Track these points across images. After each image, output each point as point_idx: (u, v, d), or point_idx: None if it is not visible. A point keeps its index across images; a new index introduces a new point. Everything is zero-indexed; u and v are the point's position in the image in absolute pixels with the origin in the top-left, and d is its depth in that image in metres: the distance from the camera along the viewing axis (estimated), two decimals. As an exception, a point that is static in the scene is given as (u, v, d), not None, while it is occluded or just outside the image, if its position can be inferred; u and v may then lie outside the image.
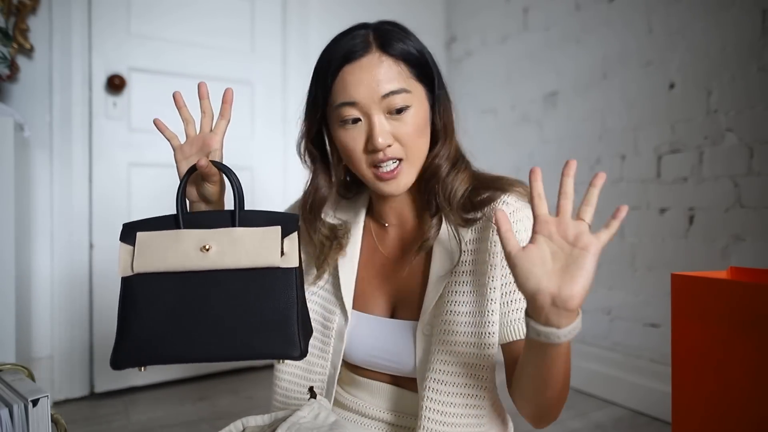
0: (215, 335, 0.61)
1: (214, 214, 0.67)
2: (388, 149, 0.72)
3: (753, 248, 1.45)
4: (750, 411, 0.81)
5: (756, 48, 1.45)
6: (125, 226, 0.66)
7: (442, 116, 0.78)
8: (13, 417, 0.63)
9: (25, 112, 1.70)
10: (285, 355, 0.61)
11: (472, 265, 0.74)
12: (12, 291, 1.36)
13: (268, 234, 0.63)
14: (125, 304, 0.64)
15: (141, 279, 0.63)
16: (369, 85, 0.71)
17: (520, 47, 2.22)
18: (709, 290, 0.90)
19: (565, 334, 0.54)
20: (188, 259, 0.62)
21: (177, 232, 0.64)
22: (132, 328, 0.62)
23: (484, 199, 0.75)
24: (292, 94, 2.21)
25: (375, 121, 0.71)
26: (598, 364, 1.84)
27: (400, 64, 0.73)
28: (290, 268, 0.63)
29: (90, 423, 1.62)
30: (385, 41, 0.73)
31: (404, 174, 0.74)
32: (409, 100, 0.73)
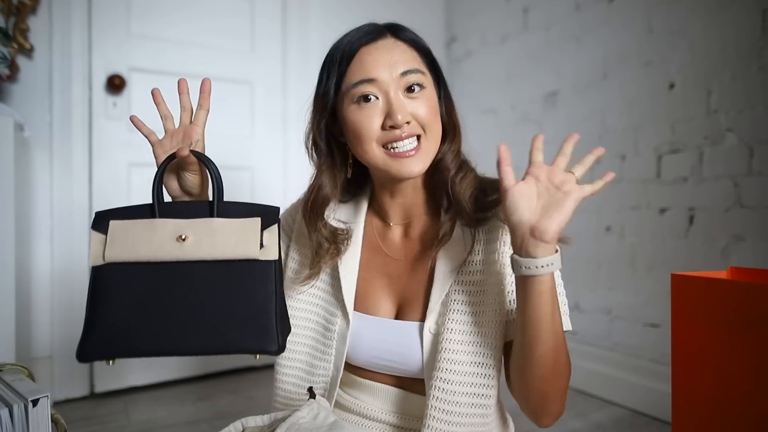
0: (189, 328, 0.58)
1: (191, 205, 0.65)
2: (407, 126, 0.73)
3: (753, 248, 1.45)
4: (750, 411, 0.81)
5: (756, 48, 1.45)
6: (97, 214, 0.63)
7: (449, 111, 0.80)
8: (13, 417, 0.63)
9: (25, 112, 1.70)
10: (262, 350, 0.59)
11: (481, 264, 0.75)
12: (12, 291, 1.36)
13: (247, 225, 0.61)
14: (95, 294, 0.60)
15: (112, 269, 0.61)
16: (387, 63, 0.73)
17: (520, 47, 2.22)
18: (709, 290, 0.90)
19: (543, 264, 0.62)
20: (162, 249, 0.60)
21: (152, 221, 0.62)
22: (101, 319, 0.59)
23: (493, 201, 0.75)
24: (292, 94, 2.21)
25: (393, 98, 0.72)
26: (598, 364, 1.84)
27: (412, 49, 0.76)
28: (269, 261, 0.61)
29: (90, 423, 1.62)
30: (397, 29, 0.77)
31: (422, 154, 0.74)
32: (424, 81, 0.75)
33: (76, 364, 1.81)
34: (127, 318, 0.59)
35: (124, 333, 0.58)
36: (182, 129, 0.73)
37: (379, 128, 0.73)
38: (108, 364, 0.59)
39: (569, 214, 0.62)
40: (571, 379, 0.76)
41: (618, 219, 1.81)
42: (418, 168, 0.74)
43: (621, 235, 1.80)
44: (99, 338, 0.58)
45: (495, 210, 0.75)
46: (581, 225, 1.94)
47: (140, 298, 0.59)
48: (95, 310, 0.59)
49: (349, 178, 0.83)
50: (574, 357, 0.80)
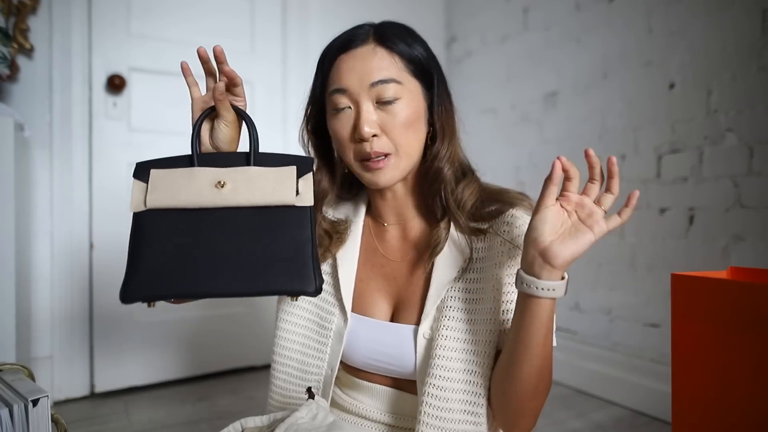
0: (228, 271, 0.59)
1: (228, 155, 0.66)
2: (375, 143, 0.73)
3: (753, 248, 1.45)
4: (750, 411, 0.81)
5: (756, 48, 1.45)
6: (138, 165, 0.65)
7: (440, 117, 0.78)
8: (13, 417, 0.63)
9: (25, 112, 1.70)
10: (300, 291, 0.60)
11: (478, 273, 0.75)
12: (12, 291, 1.36)
13: (283, 173, 0.63)
14: (136, 239, 0.62)
15: (153, 214, 0.62)
16: (359, 73, 0.72)
17: (520, 47, 2.22)
18: (709, 290, 0.90)
19: (544, 287, 0.61)
20: (202, 196, 0.62)
21: (191, 170, 0.63)
22: (142, 262, 0.60)
23: (493, 212, 0.75)
24: (292, 94, 2.21)
25: (362, 109, 0.72)
26: (598, 364, 1.84)
27: (394, 56, 0.74)
28: (305, 207, 0.63)
29: (90, 423, 1.62)
30: (383, 35, 0.75)
31: (391, 167, 0.74)
32: (400, 92, 0.73)
33: (75, 364, 1.81)
34: (168, 261, 0.60)
35: (165, 275, 0.60)
36: (221, 83, 0.69)
37: (350, 139, 0.74)
38: (149, 306, 0.61)
39: (586, 247, 0.62)
40: (571, 379, 0.76)
41: (618, 219, 1.81)
42: (386, 181, 0.75)
43: (621, 235, 1.80)
44: (141, 280, 0.60)
45: (493, 222, 0.75)
46: (581, 225, 1.93)
47: (180, 242, 0.61)
48: (137, 254, 0.61)
49: (346, 172, 0.83)
50: (574, 357, 0.81)
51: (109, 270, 1.85)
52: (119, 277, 0.63)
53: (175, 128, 1.93)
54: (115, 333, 1.87)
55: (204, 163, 0.64)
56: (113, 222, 1.87)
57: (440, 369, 0.72)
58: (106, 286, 1.85)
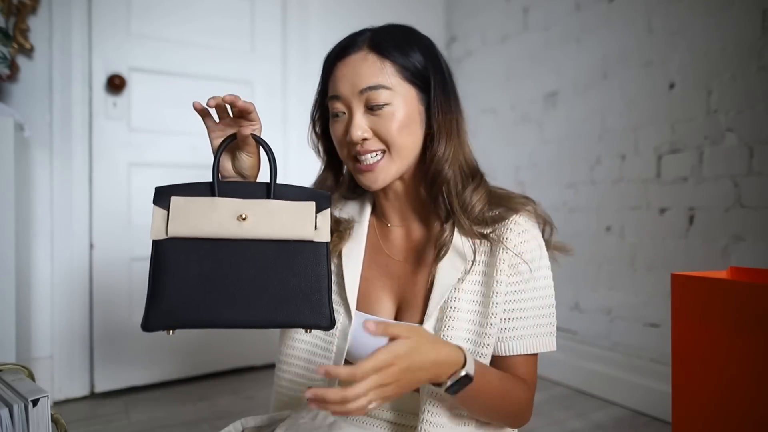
0: (246, 302, 0.61)
1: (248, 185, 0.67)
2: (366, 142, 0.75)
3: (753, 248, 1.45)
4: (750, 411, 0.81)
5: (756, 48, 1.45)
6: (158, 189, 0.65)
7: (437, 119, 0.78)
8: (13, 417, 0.63)
9: (25, 112, 1.70)
10: (315, 325, 0.63)
11: (480, 276, 0.76)
12: (12, 291, 1.36)
13: (303, 208, 0.65)
14: (157, 267, 0.63)
15: (174, 243, 0.63)
16: (350, 80, 0.75)
17: (520, 47, 2.22)
18: (709, 290, 0.90)
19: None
20: (223, 227, 0.63)
21: (213, 200, 0.64)
22: (164, 291, 0.61)
23: (496, 216, 0.76)
24: (292, 94, 2.21)
25: (354, 114, 0.75)
26: (598, 364, 1.84)
27: (385, 62, 0.76)
28: (322, 243, 0.65)
29: (90, 423, 1.62)
30: (376, 41, 0.77)
31: (383, 169, 0.76)
32: (389, 98, 0.75)
33: (75, 364, 1.81)
34: (189, 290, 0.61)
35: (186, 305, 0.61)
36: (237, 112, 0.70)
37: (345, 142, 0.77)
38: (168, 334, 0.62)
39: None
40: (571, 379, 0.78)
41: (618, 219, 1.81)
42: (376, 183, 0.77)
43: (621, 235, 1.80)
44: (162, 310, 0.61)
45: (496, 227, 0.75)
46: (581, 225, 1.94)
47: (201, 272, 0.62)
48: (158, 283, 0.62)
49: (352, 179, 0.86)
50: (574, 357, 0.82)
51: (109, 270, 1.85)
52: (119, 277, 0.63)
53: (175, 128, 1.93)
54: (115, 333, 1.87)
55: (224, 193, 0.65)
56: (113, 222, 1.87)
57: None
58: (106, 286, 1.85)
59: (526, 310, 0.75)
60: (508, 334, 0.74)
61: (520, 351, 0.74)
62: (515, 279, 0.74)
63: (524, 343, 0.74)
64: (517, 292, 0.75)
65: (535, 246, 0.76)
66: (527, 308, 0.75)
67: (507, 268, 0.74)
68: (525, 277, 0.75)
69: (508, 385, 0.72)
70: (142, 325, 0.61)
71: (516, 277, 0.74)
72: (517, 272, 0.74)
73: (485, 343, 0.73)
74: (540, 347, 0.75)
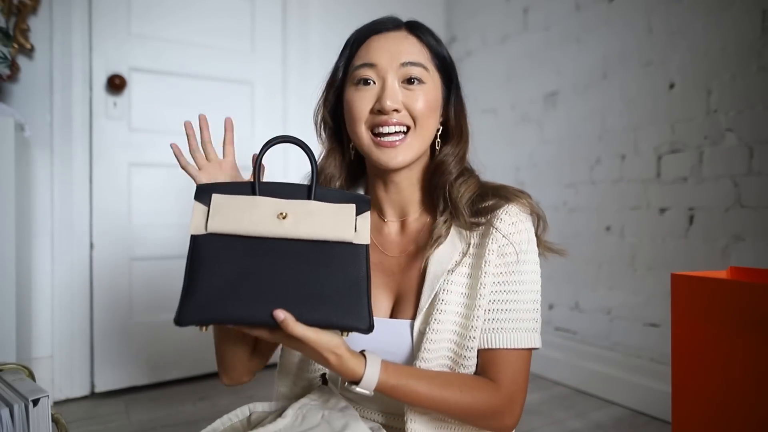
0: (283, 300, 0.60)
1: (289, 186, 0.67)
2: (395, 114, 0.74)
3: (753, 248, 1.45)
4: (750, 411, 0.81)
5: (756, 48, 1.45)
6: (199, 187, 0.65)
7: (457, 116, 0.81)
8: (13, 416, 0.63)
9: (26, 112, 1.70)
10: (353, 327, 0.61)
11: (469, 267, 0.76)
12: (12, 291, 1.36)
13: (343, 210, 0.65)
14: (194, 262, 0.62)
15: (212, 239, 0.62)
16: (391, 52, 0.76)
17: (520, 47, 2.22)
18: (709, 290, 0.90)
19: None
20: (263, 224, 0.62)
21: (254, 198, 0.64)
22: (199, 286, 0.60)
23: (488, 207, 0.76)
24: (292, 94, 2.21)
25: (388, 84, 0.75)
26: (598, 364, 1.84)
27: (423, 46, 0.78)
28: (362, 245, 0.64)
29: (90, 423, 1.62)
30: (414, 26, 0.80)
31: (406, 147, 0.75)
32: (426, 77, 0.77)
33: (76, 364, 1.81)
34: (224, 286, 0.60)
35: (221, 300, 0.59)
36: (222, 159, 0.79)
37: (369, 111, 0.75)
38: (201, 330, 0.61)
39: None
40: (571, 378, 0.78)
41: (618, 219, 1.81)
42: (399, 160, 0.75)
43: (621, 235, 1.80)
44: (197, 304, 0.60)
45: (489, 216, 0.75)
46: (581, 225, 1.94)
47: (238, 268, 0.61)
48: (194, 277, 0.61)
49: (353, 160, 0.85)
50: (574, 357, 0.81)
51: (109, 270, 1.85)
52: (119, 277, 0.63)
53: (175, 128, 1.92)
54: (115, 333, 1.87)
55: (265, 192, 0.65)
56: (113, 222, 1.87)
57: (427, 362, 0.73)
58: (106, 286, 1.85)
59: (510, 302, 0.74)
60: (490, 326, 0.73)
61: (501, 344, 0.73)
62: (501, 269, 0.74)
63: (507, 337, 0.73)
64: (502, 283, 0.74)
65: (525, 237, 0.75)
66: (511, 300, 0.74)
67: (495, 257, 0.74)
68: (511, 267, 0.74)
69: (457, 387, 0.70)
70: (176, 319, 0.59)
71: (502, 267, 0.74)
72: (503, 260, 0.74)
73: (471, 336, 0.73)
74: (522, 342, 0.74)
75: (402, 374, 0.67)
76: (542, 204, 0.82)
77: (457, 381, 0.71)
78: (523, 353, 0.74)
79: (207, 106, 1.95)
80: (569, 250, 0.83)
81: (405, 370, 0.69)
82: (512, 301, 0.74)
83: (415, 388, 0.68)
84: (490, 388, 0.72)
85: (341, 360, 0.63)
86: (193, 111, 0.76)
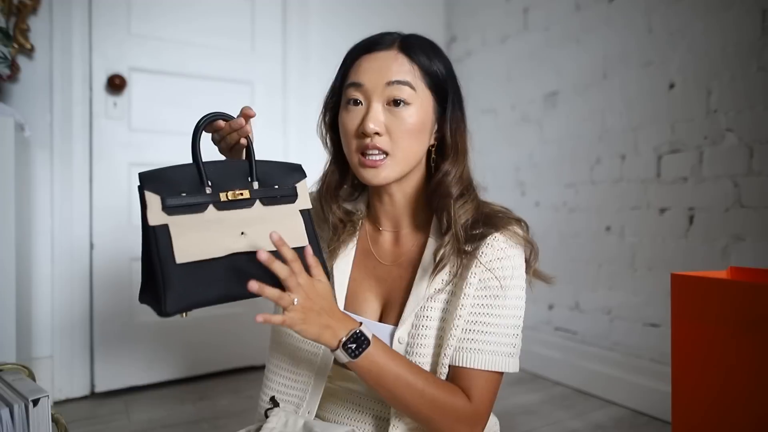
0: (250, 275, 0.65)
1: (230, 165, 0.72)
2: (377, 138, 0.76)
3: (753, 248, 1.45)
4: (750, 411, 0.81)
5: (756, 48, 1.45)
6: (145, 175, 0.66)
7: (453, 133, 0.80)
8: (13, 416, 0.63)
9: (26, 112, 1.70)
10: None
11: (453, 286, 0.78)
12: (12, 291, 1.36)
13: (292, 219, 0.72)
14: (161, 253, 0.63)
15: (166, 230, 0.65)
16: (378, 72, 0.76)
17: (520, 47, 2.22)
18: (709, 290, 0.90)
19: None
20: (225, 246, 0.66)
21: (208, 220, 0.66)
22: (173, 278, 0.63)
23: (477, 235, 0.77)
24: (292, 94, 2.21)
25: (372, 107, 0.76)
26: (598, 364, 1.84)
27: (414, 65, 0.77)
28: (305, 210, 0.74)
29: (90, 423, 1.62)
30: (407, 45, 0.78)
31: (386, 168, 0.77)
32: (412, 98, 0.76)
33: (76, 364, 1.81)
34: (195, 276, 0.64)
35: (199, 285, 0.64)
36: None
37: (355, 132, 0.77)
38: (182, 317, 0.65)
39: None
40: (571, 378, 0.78)
41: (618, 219, 1.81)
42: (381, 177, 0.77)
43: (621, 235, 1.80)
44: (177, 294, 0.63)
45: (477, 244, 0.76)
46: (581, 225, 1.94)
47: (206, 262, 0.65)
48: (166, 269, 0.63)
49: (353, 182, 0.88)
50: (574, 357, 0.81)
51: (109, 270, 1.85)
52: (119, 277, 0.63)
53: (175, 128, 1.93)
54: (115, 333, 1.87)
55: (211, 175, 0.68)
56: (113, 222, 1.87)
57: None
58: (106, 286, 1.85)
59: (489, 326, 0.75)
60: (465, 345, 0.74)
61: (474, 365, 0.73)
62: (483, 293, 0.75)
63: (480, 358, 0.73)
64: (483, 306, 0.75)
65: (509, 265, 0.76)
66: (491, 323, 0.75)
67: (477, 282, 0.75)
68: (494, 293, 0.75)
69: (431, 383, 0.71)
70: (161, 311, 0.62)
71: (484, 291, 0.75)
72: (485, 287, 0.75)
73: (445, 354, 0.74)
74: (497, 365, 0.74)
75: (387, 349, 0.70)
76: (542, 204, 0.83)
77: (430, 375, 0.73)
78: (494, 376, 0.75)
79: (207, 106, 1.94)
80: (569, 250, 0.84)
81: (389, 348, 0.72)
82: (493, 324, 0.75)
83: (400, 361, 0.70)
84: (461, 394, 0.73)
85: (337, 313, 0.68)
86: (193, 111, 0.76)
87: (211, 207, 0.67)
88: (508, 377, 0.81)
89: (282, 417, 0.74)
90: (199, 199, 0.66)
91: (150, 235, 0.63)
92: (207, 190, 0.67)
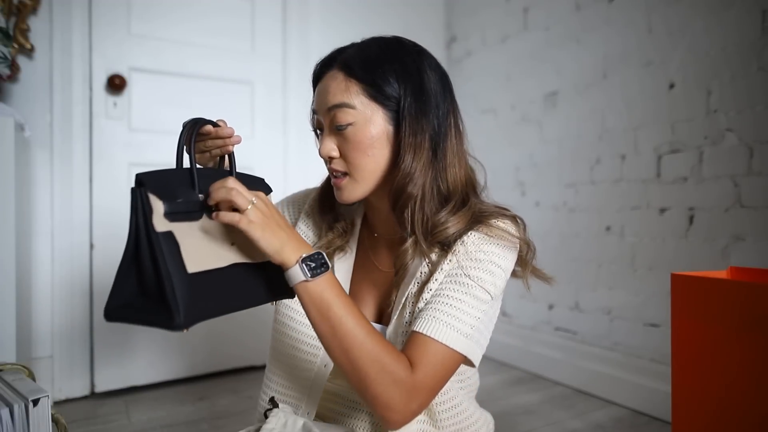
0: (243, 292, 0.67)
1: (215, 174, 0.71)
2: (334, 161, 0.79)
3: (753, 248, 1.45)
4: (750, 411, 0.81)
5: (756, 48, 1.45)
6: (144, 176, 0.64)
7: (406, 138, 0.75)
8: (13, 416, 0.63)
9: (26, 112, 1.70)
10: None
11: (426, 277, 0.79)
12: (12, 291, 1.36)
13: None
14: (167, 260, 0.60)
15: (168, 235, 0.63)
16: (323, 96, 0.78)
17: (521, 47, 2.22)
18: (709, 290, 0.90)
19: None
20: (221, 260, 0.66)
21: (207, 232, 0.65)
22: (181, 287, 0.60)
23: (457, 234, 0.76)
24: (292, 94, 2.21)
25: (325, 131, 0.79)
26: (598, 364, 1.84)
27: (351, 81, 0.76)
28: None
29: (90, 423, 1.62)
30: (344, 61, 0.78)
31: (346, 188, 0.79)
32: (352, 117, 0.75)
33: (76, 364, 1.81)
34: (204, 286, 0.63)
35: (205, 299, 0.62)
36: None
37: (322, 157, 0.81)
38: (183, 332, 0.62)
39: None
40: (571, 378, 0.77)
41: (618, 219, 1.81)
42: (345, 198, 0.80)
43: (621, 235, 1.80)
44: (190, 308, 0.60)
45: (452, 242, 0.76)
46: (581, 225, 1.94)
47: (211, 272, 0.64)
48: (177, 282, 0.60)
49: None
50: (574, 357, 0.81)
51: (109, 270, 1.85)
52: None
53: (175, 128, 1.92)
54: (115, 333, 1.87)
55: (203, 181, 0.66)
56: (113, 222, 1.87)
57: None
58: (106, 286, 1.85)
59: (451, 299, 0.72)
60: (423, 313, 0.72)
61: (425, 330, 0.70)
62: (451, 279, 0.74)
63: (432, 326, 0.70)
64: (449, 283, 0.74)
65: (484, 259, 0.74)
66: (453, 297, 0.72)
67: (448, 269, 0.75)
68: (462, 280, 0.73)
69: (377, 339, 0.67)
70: (174, 326, 0.58)
71: (453, 277, 0.74)
72: (450, 281, 0.74)
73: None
74: (448, 339, 0.69)
75: (342, 289, 0.68)
76: (542, 204, 0.83)
77: (378, 333, 0.68)
78: (444, 350, 0.69)
79: (207, 106, 1.95)
80: (569, 250, 0.84)
81: (344, 290, 0.69)
82: (454, 299, 0.72)
83: (351, 306, 0.67)
84: (405, 361, 0.68)
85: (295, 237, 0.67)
86: (194, 111, 0.77)
87: (204, 215, 0.64)
88: (508, 377, 0.81)
89: (281, 418, 0.74)
90: (194, 207, 0.64)
91: (155, 242, 0.59)
92: (200, 197, 0.64)
